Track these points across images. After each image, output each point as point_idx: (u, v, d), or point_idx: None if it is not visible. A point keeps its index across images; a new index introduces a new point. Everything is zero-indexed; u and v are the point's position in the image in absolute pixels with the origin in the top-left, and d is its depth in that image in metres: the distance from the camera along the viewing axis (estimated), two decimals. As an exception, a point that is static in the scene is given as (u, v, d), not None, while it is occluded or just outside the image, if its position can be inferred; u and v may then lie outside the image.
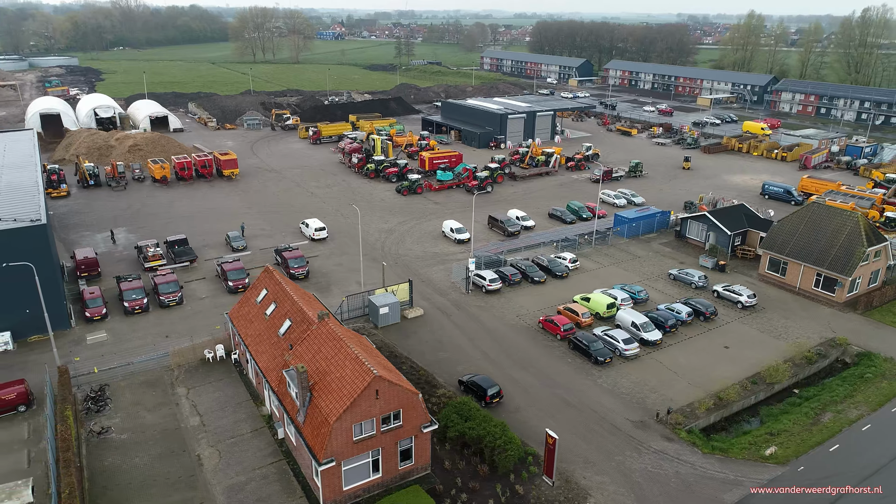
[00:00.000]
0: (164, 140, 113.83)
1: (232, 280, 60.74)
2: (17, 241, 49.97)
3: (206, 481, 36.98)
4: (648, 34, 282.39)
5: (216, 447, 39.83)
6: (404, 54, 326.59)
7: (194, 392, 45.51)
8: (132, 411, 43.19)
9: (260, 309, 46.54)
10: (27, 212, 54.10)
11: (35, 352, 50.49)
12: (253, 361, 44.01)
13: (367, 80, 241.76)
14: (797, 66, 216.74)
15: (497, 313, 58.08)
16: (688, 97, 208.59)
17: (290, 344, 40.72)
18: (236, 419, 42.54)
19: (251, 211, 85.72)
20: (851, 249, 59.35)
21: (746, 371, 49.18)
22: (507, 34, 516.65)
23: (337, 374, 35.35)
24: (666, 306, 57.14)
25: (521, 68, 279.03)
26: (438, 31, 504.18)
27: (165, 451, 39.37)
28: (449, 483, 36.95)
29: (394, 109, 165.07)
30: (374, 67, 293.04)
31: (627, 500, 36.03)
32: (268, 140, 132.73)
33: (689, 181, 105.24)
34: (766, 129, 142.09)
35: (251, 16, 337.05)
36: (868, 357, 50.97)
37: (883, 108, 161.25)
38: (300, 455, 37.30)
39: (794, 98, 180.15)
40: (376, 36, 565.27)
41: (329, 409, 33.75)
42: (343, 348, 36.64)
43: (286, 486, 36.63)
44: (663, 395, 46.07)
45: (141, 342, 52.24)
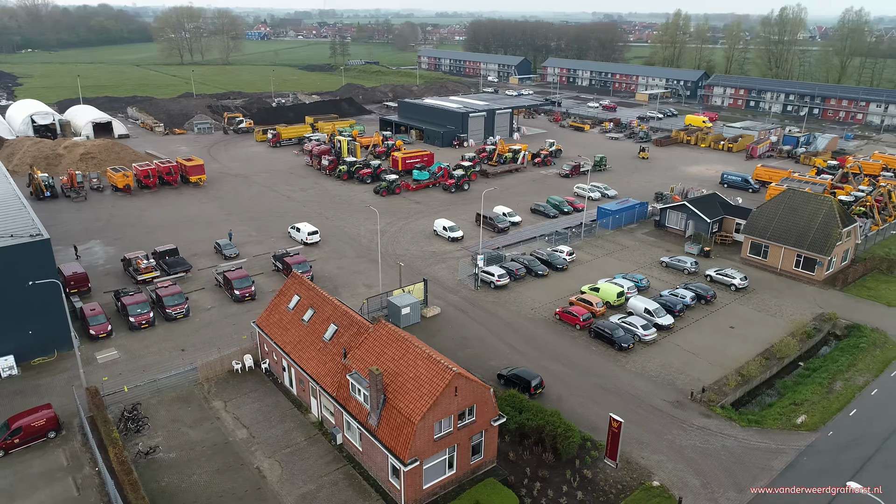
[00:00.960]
0: (117, 147, 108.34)
1: (238, 289, 59.01)
2: (19, 258, 46.84)
3: (274, 493, 36.21)
4: (582, 33, 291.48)
5: (274, 458, 38.99)
6: (339, 54, 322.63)
7: (232, 405, 44.21)
8: (173, 429, 41.53)
9: (295, 315, 45.70)
10: (18, 226, 50.68)
11: (42, 375, 47.50)
12: (296, 368, 43.24)
13: (308, 81, 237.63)
14: (722, 61, 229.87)
15: (512, 308, 59.28)
16: (625, 93, 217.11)
17: (343, 349, 40.32)
18: (286, 429, 41.71)
19: (231, 218, 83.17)
20: (828, 231, 64.31)
21: (757, 348, 52.56)
22: (435, 33, 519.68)
23: (411, 373, 35.46)
24: (669, 292, 60.07)
25: (459, 67, 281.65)
26: (367, 30, 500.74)
27: (223, 466, 38.19)
28: (518, 473, 37.80)
29: (346, 110, 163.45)
30: (310, 68, 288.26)
31: (687, 474, 38.03)
32: (224, 144, 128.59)
33: (651, 173, 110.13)
34: (707, 121, 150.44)
35: (176, 16, 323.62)
36: (857, 329, 55.54)
37: (806, 100, 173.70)
38: (369, 458, 37.14)
39: (726, 92, 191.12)
40: (303, 35, 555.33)
41: (411, 409, 33.87)
42: (412, 348, 36.77)
43: (359, 491, 36.40)
44: (689, 375, 48.62)
45: (156, 358, 50.08)
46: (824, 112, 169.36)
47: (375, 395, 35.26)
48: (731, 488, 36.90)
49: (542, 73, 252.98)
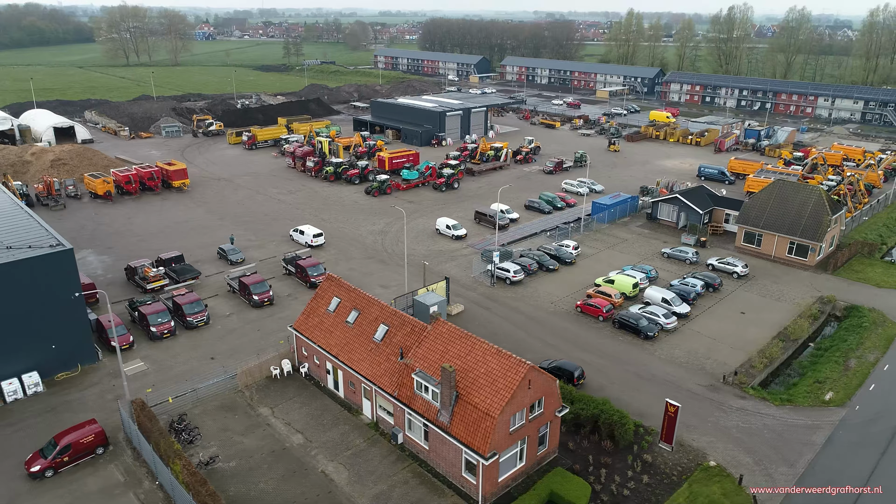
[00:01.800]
0: (89, 152, 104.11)
1: (256, 294, 57.96)
2: (41, 270, 44.82)
3: (347, 495, 36.06)
4: (537, 31, 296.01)
5: (337, 461, 38.76)
6: (293, 54, 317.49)
7: (279, 410, 43.60)
8: (225, 438, 40.69)
9: (337, 318, 45.40)
10: (32, 237, 48.43)
11: (70, 390, 45.61)
12: (345, 370, 43.04)
13: (267, 82, 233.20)
14: (675, 59, 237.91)
15: (532, 302, 60.37)
16: (585, 90, 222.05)
17: (399, 348, 40.41)
18: (341, 431, 41.47)
19: (224, 222, 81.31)
20: (819, 218, 68.06)
21: (771, 331, 55.30)
22: (385, 32, 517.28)
23: (482, 369, 35.95)
24: (679, 281, 62.38)
25: (418, 66, 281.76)
26: (316, 30, 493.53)
27: (287, 473, 37.73)
28: (582, 461, 38.82)
29: (314, 110, 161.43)
30: (265, 68, 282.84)
31: (738, 453, 39.88)
32: (196, 147, 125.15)
33: (629, 168, 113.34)
34: (671, 117, 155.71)
35: (120, 15, 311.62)
36: (856, 309, 59.09)
37: (758, 95, 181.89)
38: (437, 455, 37.41)
39: (682, 88, 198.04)
40: (249, 35, 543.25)
41: (489, 404, 34.36)
42: (478, 344, 37.25)
43: (432, 488, 36.65)
44: (715, 360, 50.76)
45: (186, 367, 48.80)
46: (776, 106, 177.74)
47: (448, 392, 35.59)
48: (782, 463, 38.92)
49: (501, 72, 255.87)
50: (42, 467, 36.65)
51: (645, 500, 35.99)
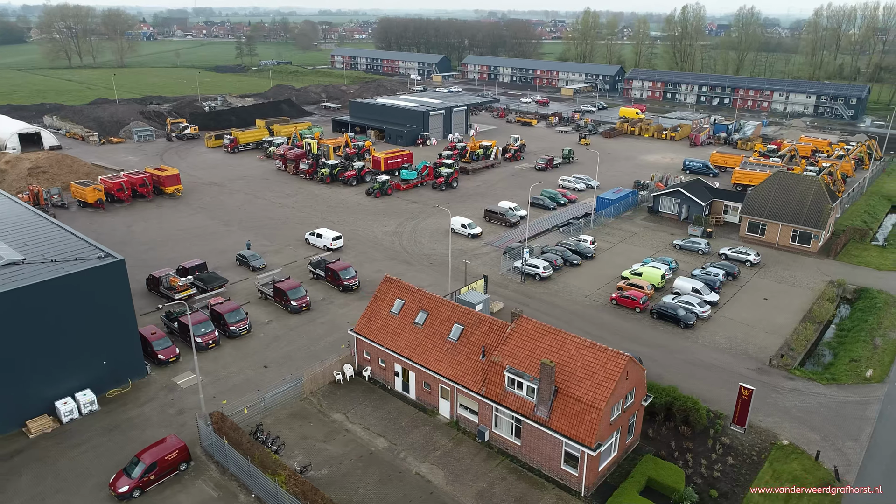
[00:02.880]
0: (68, 160, 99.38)
1: (294, 299, 56.96)
2: (92, 283, 42.90)
3: (450, 494, 36.17)
4: (495, 30, 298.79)
5: (428, 462, 38.78)
6: (247, 54, 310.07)
7: (353, 415, 43.18)
8: (307, 445, 40.05)
9: (404, 319, 45.27)
10: (73, 249, 46.24)
11: (126, 407, 43.84)
12: (419, 371, 43.03)
13: (225, 83, 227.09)
14: (632, 57, 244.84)
15: (566, 297, 61.57)
16: (548, 88, 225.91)
17: (482, 346, 40.72)
18: (423, 433, 41.46)
19: (231, 228, 79.26)
20: (820, 207, 71.94)
21: (797, 314, 58.26)
22: (333, 31, 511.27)
23: (578, 362, 36.70)
24: (702, 271, 64.84)
25: (377, 66, 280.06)
26: (261, 29, 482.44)
27: (382, 477, 37.52)
28: (665, 448, 40.13)
29: (286, 111, 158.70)
30: (220, 69, 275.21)
31: (805, 431, 42.03)
32: (175, 152, 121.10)
33: (615, 164, 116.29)
34: (640, 113, 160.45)
35: (60, 14, 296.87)
36: (866, 291, 62.86)
37: (717, 91, 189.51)
38: (531, 450, 37.94)
39: (644, 85, 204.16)
40: (193, 35, 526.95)
41: (592, 396, 35.15)
42: (570, 338, 38.00)
43: (532, 483, 37.18)
44: (755, 344, 53.15)
45: (240, 377, 47.65)
46: (734, 101, 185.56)
47: (547, 387, 36.18)
48: (847, 438, 41.30)
49: (463, 71, 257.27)
50: (130, 487, 35.23)
51: (734, 481, 37.57)
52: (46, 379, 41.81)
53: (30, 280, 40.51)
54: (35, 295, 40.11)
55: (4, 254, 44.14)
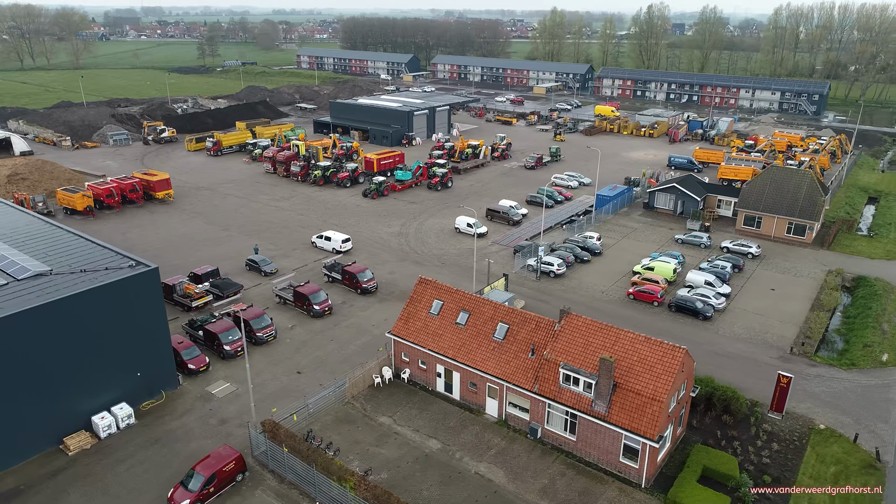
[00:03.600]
0: (48, 166, 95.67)
1: (317, 303, 56.28)
2: (126, 293, 41.56)
3: (513, 493, 36.40)
4: (462, 30, 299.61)
5: (485, 461, 38.93)
6: (209, 55, 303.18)
7: (400, 418, 42.99)
8: (361, 450, 39.70)
9: (444, 320, 45.26)
10: (99, 258, 44.70)
11: (164, 419, 42.63)
12: (465, 371, 43.11)
13: (189, 84, 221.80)
14: (599, 56, 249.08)
15: (583, 293, 62.48)
16: (519, 87, 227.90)
17: (531, 344, 41.07)
18: (473, 432, 41.58)
19: (231, 233, 77.67)
20: (813, 200, 74.79)
21: (805, 303, 60.51)
22: (294, 31, 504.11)
23: (634, 357, 37.41)
24: (710, 264, 66.66)
25: (344, 66, 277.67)
26: (218, 29, 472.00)
27: (443, 478, 37.50)
28: (711, 437, 41.22)
29: (262, 113, 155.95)
30: (183, 70, 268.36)
31: (838, 414, 43.76)
32: (155, 156, 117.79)
33: (603, 162, 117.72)
34: (615, 111, 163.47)
35: (10, 14, 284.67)
36: (864, 279, 65.68)
37: (686, 88, 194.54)
38: (588, 445, 38.49)
39: (614, 83, 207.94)
40: (147, 35, 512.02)
41: (652, 389, 35.89)
42: (622, 333, 38.68)
43: (592, 477, 37.71)
44: (773, 333, 54.98)
45: (276, 384, 46.86)
46: (702, 98, 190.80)
47: (606, 382, 36.77)
48: (878, 420, 43.20)
49: (433, 70, 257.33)
50: (191, 501, 34.32)
51: (782, 465, 38.90)
52: (82, 393, 40.35)
53: (66, 291, 39.02)
54: (71, 307, 38.65)
55: (29, 265, 42.40)
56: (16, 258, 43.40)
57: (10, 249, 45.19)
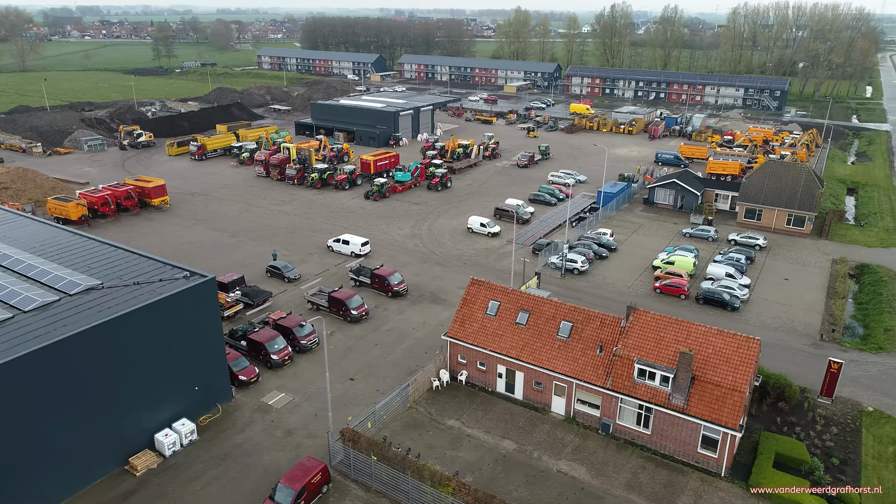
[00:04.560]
0: (30, 174, 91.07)
1: (354, 308, 55.49)
2: (188, 304, 40.14)
3: (600, 487, 36.86)
4: (427, 29, 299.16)
5: (564, 459, 39.26)
6: (164, 56, 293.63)
7: (468, 420, 42.89)
8: (439, 454, 39.45)
9: (502, 321, 45.37)
10: (146, 269, 42.98)
11: (227, 433, 41.34)
12: (530, 370, 43.34)
13: (150, 86, 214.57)
14: (564, 54, 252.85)
15: (610, 288, 63.55)
16: (489, 86, 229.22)
17: (600, 341, 41.61)
18: (544, 430, 41.86)
19: (241, 239, 75.71)
20: (811, 192, 78.04)
21: (820, 291, 63.15)
22: (246, 31, 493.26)
23: (710, 349, 38.39)
24: (724, 257, 68.76)
25: (308, 66, 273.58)
26: (168, 29, 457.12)
27: (528, 478, 37.64)
28: (771, 424, 42.64)
29: (237, 115, 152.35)
30: (139, 72, 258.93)
31: (881, 396, 45.91)
32: (135, 161, 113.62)
33: (589, 158, 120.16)
34: (590, 109, 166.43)
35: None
36: (867, 266, 68.97)
37: (653, 86, 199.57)
38: (664, 437, 39.27)
39: (583, 81, 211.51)
40: (91, 36, 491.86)
41: (732, 380, 36.93)
42: (694, 327, 39.64)
43: (671, 468, 38.50)
44: (799, 321, 57.19)
45: (333, 392, 45.74)
46: (669, 95, 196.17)
47: (685, 375, 37.61)
48: (917, 400, 45.59)
49: (399, 70, 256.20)
50: (284, 515, 33.50)
51: (845, 448, 40.60)
52: (144, 411, 38.75)
53: (128, 305, 37.38)
54: (135, 321, 37.07)
55: (76, 279, 40.41)
56: (60, 272, 41.30)
57: (49, 263, 42.97)
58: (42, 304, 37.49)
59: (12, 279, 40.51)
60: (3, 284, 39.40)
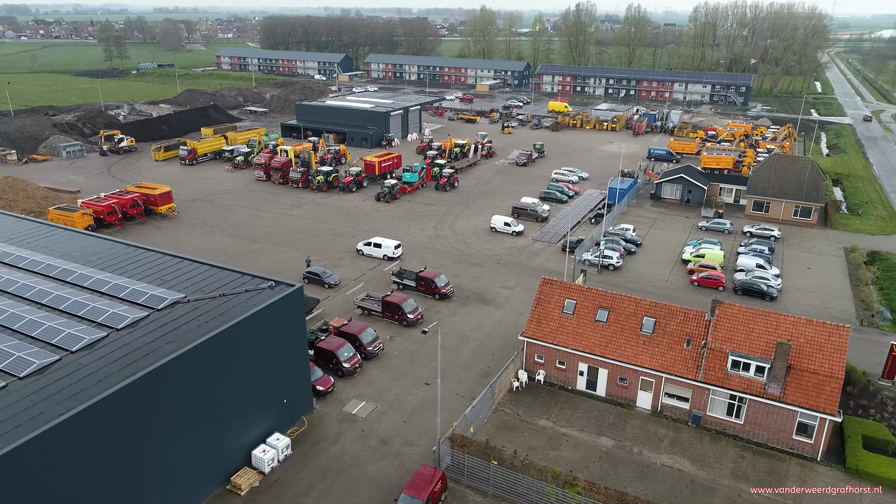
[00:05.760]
0: (20, 183, 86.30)
1: (410, 312, 54.83)
2: (277, 314, 38.84)
3: (709, 479, 37.60)
4: (389, 28, 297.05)
5: (665, 452, 39.86)
6: (117, 57, 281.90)
7: (558, 419, 43.04)
8: (541, 455, 39.37)
9: (580, 319, 45.68)
10: (217, 279, 41.36)
11: (320, 445, 40.18)
12: (617, 367, 43.80)
13: (109, 88, 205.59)
14: (530, 53, 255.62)
15: (649, 282, 64.77)
16: (459, 85, 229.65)
17: (687, 335, 42.40)
18: (635, 425, 42.37)
19: (263, 246, 73.64)
20: (817, 184, 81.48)
21: (844, 278, 66.08)
22: (193, 31, 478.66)
23: (801, 338, 39.65)
24: (748, 248, 71.09)
25: (271, 66, 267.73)
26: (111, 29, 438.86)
27: (637, 474, 38.05)
28: (846, 408, 44.36)
29: (216, 118, 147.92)
30: (93, 73, 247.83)
31: (933, 377, 48.44)
32: (122, 167, 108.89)
33: (581, 155, 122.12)
34: (568, 106, 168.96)
35: None
36: (878, 254, 72.48)
37: (623, 83, 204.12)
38: (757, 426, 40.35)
39: (554, 79, 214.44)
40: (28, 36, 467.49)
41: (829, 368, 38.28)
42: (782, 318, 40.87)
43: (769, 455, 39.58)
44: (835, 307, 59.68)
45: (412, 398, 45.43)
46: (639, 93, 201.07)
47: (782, 365, 38.76)
48: (967, 378, 48.25)
49: (367, 70, 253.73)
50: (415, 526, 32.86)
51: (918, 427, 42.73)
52: (242, 426, 37.31)
53: (226, 318, 35.88)
54: (234, 334, 35.61)
55: (158, 293, 38.52)
56: (136, 286, 39.28)
57: (118, 277, 40.79)
58: (133, 321, 35.60)
59: (87, 296, 38.30)
60: (82, 301, 37.23)
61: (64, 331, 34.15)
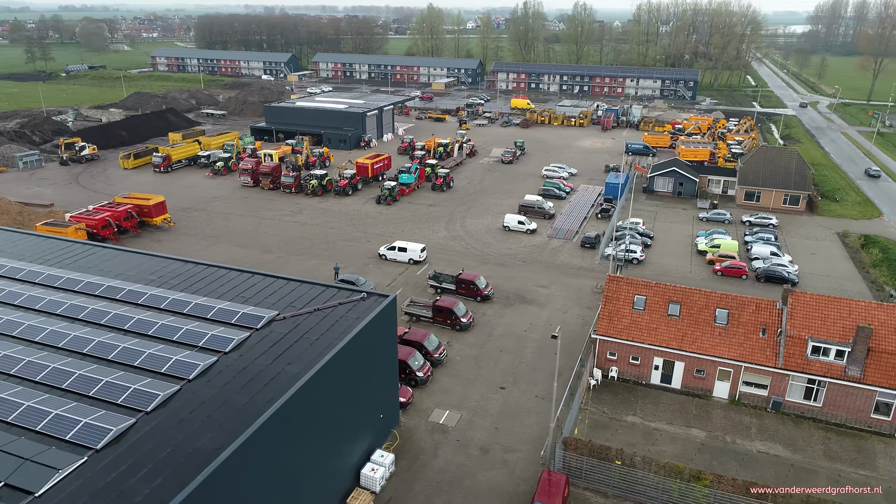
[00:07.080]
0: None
1: (463, 316, 54.12)
2: (379, 326, 37.41)
3: (806, 461, 39.03)
4: (332, 26, 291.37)
5: (755, 439, 41.11)
6: (40, 58, 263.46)
7: (645, 414, 43.59)
8: (642, 451, 39.67)
9: (652, 314, 46.40)
10: (291, 292, 39.45)
11: (419, 460, 39.04)
12: (694, 359, 44.75)
13: (42, 92, 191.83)
14: (479, 50, 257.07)
15: (675, 274, 66.43)
16: (412, 83, 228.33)
17: (763, 325, 43.81)
18: (719, 415, 43.47)
19: (277, 254, 70.86)
20: (803, 173, 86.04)
21: (847, 261, 70.12)
22: (116, 30, 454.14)
23: (875, 322, 41.69)
24: (756, 236, 74.24)
25: (212, 66, 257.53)
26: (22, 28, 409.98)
27: (740, 463, 39.02)
28: None
29: (175, 122, 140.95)
30: (17, 77, 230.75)
31: (960, 350, 52.10)
32: (89, 176, 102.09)
33: (559, 151, 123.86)
34: (531, 103, 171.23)
35: None
36: (871, 237, 77.19)
37: (577, 80, 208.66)
38: (837, 407, 42.21)
39: (509, 77, 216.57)
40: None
41: (906, 348, 40.53)
42: (853, 303, 42.91)
43: (851, 435, 41.50)
44: (852, 290, 63.10)
45: (494, 403, 44.88)
46: (592, 88, 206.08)
47: (862, 348, 40.70)
48: None
49: (315, 69, 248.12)
50: (556, 534, 32.48)
51: (967, 398, 45.83)
52: (351, 445, 35.75)
53: (338, 335, 34.23)
54: (346, 351, 34.00)
55: (249, 311, 36.29)
56: (222, 305, 36.86)
57: (196, 297, 38.12)
58: (238, 343, 33.40)
59: (171, 318, 35.62)
60: (172, 325, 34.59)
61: (170, 357, 31.63)
